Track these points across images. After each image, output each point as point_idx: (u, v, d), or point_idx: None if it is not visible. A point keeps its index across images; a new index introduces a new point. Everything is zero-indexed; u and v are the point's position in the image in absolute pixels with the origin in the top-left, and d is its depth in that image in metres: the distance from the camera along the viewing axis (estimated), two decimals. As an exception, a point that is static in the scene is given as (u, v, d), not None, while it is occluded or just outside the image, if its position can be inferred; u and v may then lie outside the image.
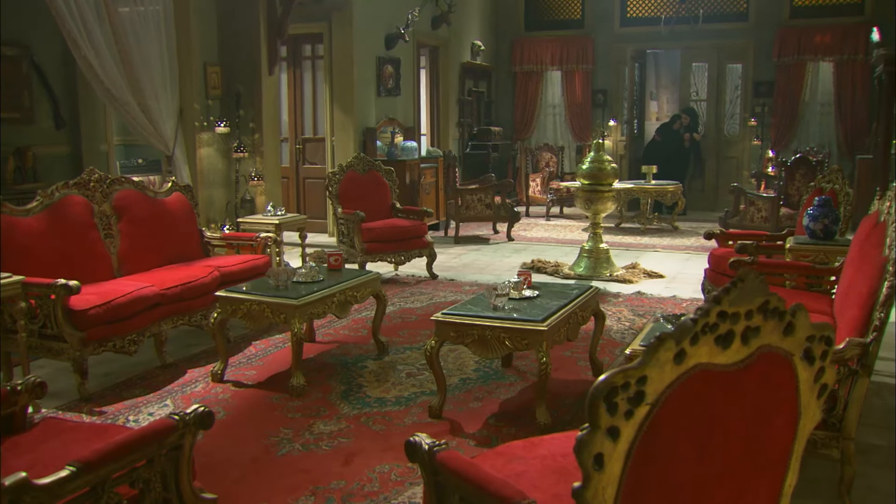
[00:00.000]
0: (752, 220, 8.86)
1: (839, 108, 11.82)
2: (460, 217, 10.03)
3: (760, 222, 8.73)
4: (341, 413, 4.17)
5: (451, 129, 12.53)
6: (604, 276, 7.66)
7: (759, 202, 8.89)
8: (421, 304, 6.64)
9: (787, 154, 12.14)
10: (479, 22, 13.33)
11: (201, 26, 7.61)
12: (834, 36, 11.68)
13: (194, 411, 2.36)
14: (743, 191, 9.28)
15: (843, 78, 11.75)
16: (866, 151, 10.95)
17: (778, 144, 12.20)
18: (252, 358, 5.18)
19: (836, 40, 11.67)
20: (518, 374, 4.80)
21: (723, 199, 12.96)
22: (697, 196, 12.78)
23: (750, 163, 12.70)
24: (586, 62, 13.45)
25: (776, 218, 8.60)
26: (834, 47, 11.70)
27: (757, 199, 8.96)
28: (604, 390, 1.51)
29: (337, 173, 7.75)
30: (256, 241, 5.97)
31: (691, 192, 12.56)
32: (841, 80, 11.77)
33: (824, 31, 11.76)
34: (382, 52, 10.30)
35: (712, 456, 1.69)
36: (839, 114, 11.82)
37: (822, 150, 11.14)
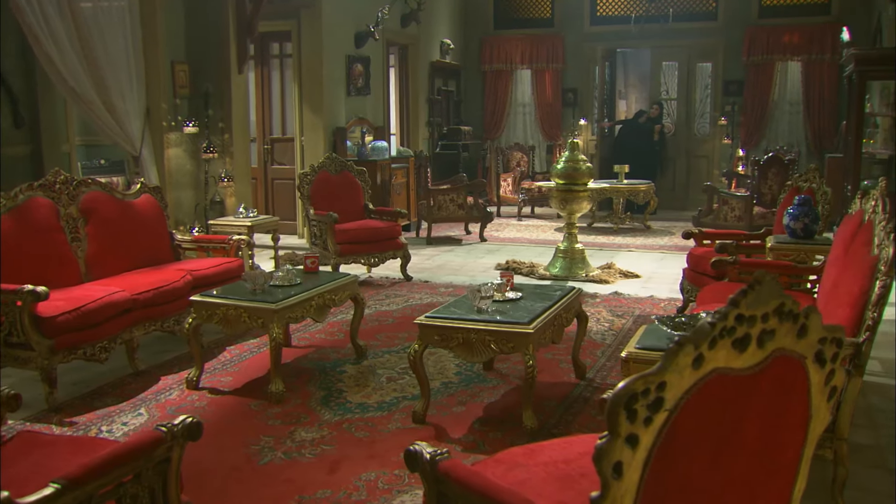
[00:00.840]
0: (726, 219, 8.95)
1: (807, 107, 12.01)
2: (432, 218, 9.99)
3: (734, 221, 8.82)
4: (322, 419, 4.11)
5: (421, 128, 12.49)
6: (580, 277, 7.67)
7: (733, 201, 8.99)
8: (396, 306, 6.58)
9: (757, 153, 12.31)
10: (448, 20, 13.30)
11: (168, 23, 7.48)
12: (802, 35, 11.86)
13: (182, 422, 2.29)
14: (716, 190, 9.37)
15: (811, 77, 11.93)
16: (835, 150, 11.13)
17: (748, 143, 12.35)
18: (227, 364, 5.09)
19: (804, 40, 11.85)
20: (500, 377, 4.78)
21: (693, 199, 13.09)
22: (668, 195, 12.87)
23: (720, 162, 12.84)
24: (556, 61, 13.50)
25: (750, 217, 8.69)
26: (802, 47, 11.88)
27: (730, 197, 9.05)
28: (624, 397, 1.48)
29: (309, 174, 7.67)
30: (229, 244, 5.87)
31: (661, 192, 12.64)
32: (809, 79, 11.95)
33: (792, 31, 11.93)
34: (352, 51, 10.22)
35: (727, 462, 1.68)
36: (807, 113, 12.01)
37: (793, 149, 11.30)
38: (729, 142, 12.64)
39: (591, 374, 4.78)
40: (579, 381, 4.68)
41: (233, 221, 7.01)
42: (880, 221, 3.29)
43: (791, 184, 5.92)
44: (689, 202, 13.07)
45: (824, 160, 10.65)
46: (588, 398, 4.40)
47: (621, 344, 5.43)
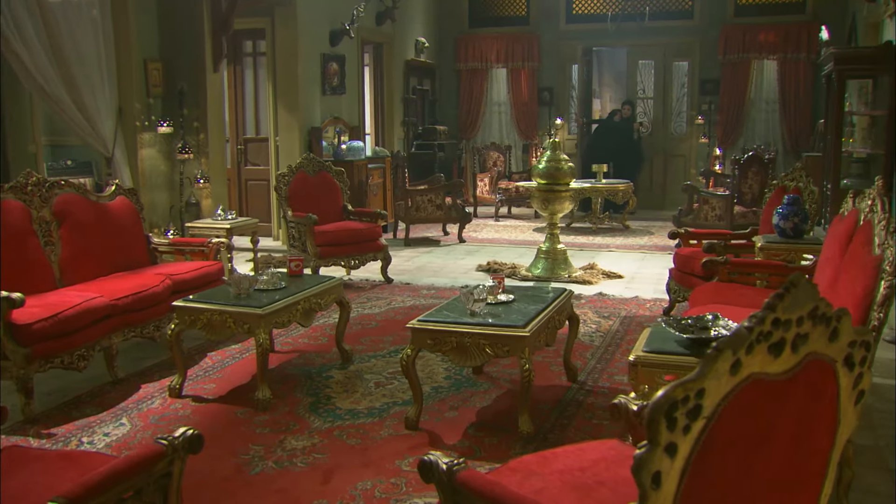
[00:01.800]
0: (707, 218, 9.01)
1: (783, 106, 12.15)
2: (410, 219, 9.93)
3: (714, 220, 8.88)
4: (312, 427, 4.04)
5: (396, 128, 12.43)
6: (562, 278, 7.67)
7: (713, 200, 9.05)
8: (379, 309, 6.53)
9: (734, 152, 12.43)
10: (422, 18, 13.26)
11: (141, 20, 7.34)
12: (777, 34, 12.00)
13: (183, 434, 2.22)
14: (696, 189, 9.43)
15: (786, 76, 12.07)
16: (811, 149, 11.26)
17: (725, 142, 12.46)
18: (209, 370, 5.00)
19: (779, 39, 11.98)
20: (490, 380, 4.74)
21: (671, 198, 13.18)
22: (645, 195, 12.93)
23: (697, 161, 12.94)
24: (532, 60, 13.51)
25: (731, 216, 8.76)
26: (777, 46, 12.01)
27: (711, 197, 9.11)
28: (664, 405, 1.45)
29: (286, 175, 7.58)
30: (208, 247, 5.78)
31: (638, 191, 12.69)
32: (785, 78, 12.09)
33: (768, 30, 12.06)
34: (327, 49, 10.13)
35: (759, 469, 1.66)
36: (783, 112, 12.15)
37: (770, 148, 11.42)
38: (706, 141, 12.74)
39: (583, 377, 4.77)
40: (571, 383, 4.66)
41: (211, 224, 6.90)
42: (880, 221, 3.31)
43: (777, 183, 5.96)
44: (667, 202, 13.16)
45: (801, 159, 10.75)
46: (582, 401, 4.38)
47: (610, 346, 5.43)
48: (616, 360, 5.12)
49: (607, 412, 4.08)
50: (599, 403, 4.34)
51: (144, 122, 7.31)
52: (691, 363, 2.74)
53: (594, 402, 4.36)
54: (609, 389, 4.57)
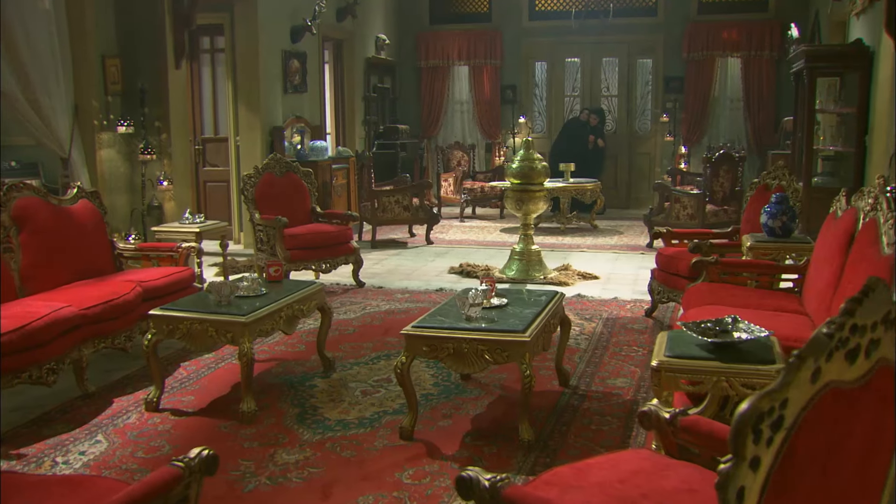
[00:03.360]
0: (678, 217, 9.08)
1: (747, 103, 12.34)
2: (377, 220, 9.83)
3: (686, 219, 8.97)
4: (303, 439, 3.94)
5: (357, 127, 12.31)
6: (537, 279, 7.66)
7: (685, 199, 9.13)
8: (354, 314, 6.43)
9: (699, 150, 12.59)
10: (383, 15, 13.16)
11: (97, 13, 7.10)
12: (740, 32, 12.18)
13: (198, 455, 2.12)
14: (668, 188, 9.51)
15: (750, 74, 12.27)
16: (776, 147, 11.46)
17: (689, 140, 12.61)
18: (185, 382, 4.85)
19: (743, 36, 12.17)
20: (481, 387, 4.69)
21: (636, 197, 13.30)
22: (610, 194, 12.96)
23: (662, 159, 13.07)
24: (494, 57, 13.51)
25: (703, 215, 8.85)
26: (741, 43, 12.20)
27: (682, 196, 9.19)
28: (751, 417, 1.42)
29: (253, 176, 7.43)
30: (178, 252, 5.62)
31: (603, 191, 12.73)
32: (749, 75, 12.28)
33: (731, 28, 12.25)
34: (288, 46, 9.98)
35: (831, 480, 1.63)
36: (748, 109, 12.34)
37: (736, 146, 11.58)
38: (671, 139, 12.88)
39: (575, 382, 4.74)
40: (564, 388, 4.63)
41: (179, 228, 6.72)
42: (888, 220, 3.34)
43: (758, 181, 6.01)
44: (632, 201, 13.27)
45: (768, 157, 10.94)
46: (577, 406, 4.35)
47: (597, 349, 5.41)
48: (605, 363, 5.11)
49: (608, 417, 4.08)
50: (595, 408, 4.32)
51: (103, 122, 7.08)
52: (716, 368, 2.72)
53: (590, 407, 4.34)
54: (603, 393, 4.55)
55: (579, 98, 13.51)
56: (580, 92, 13.53)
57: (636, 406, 4.34)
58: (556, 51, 13.47)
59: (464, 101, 14.06)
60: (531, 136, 13.48)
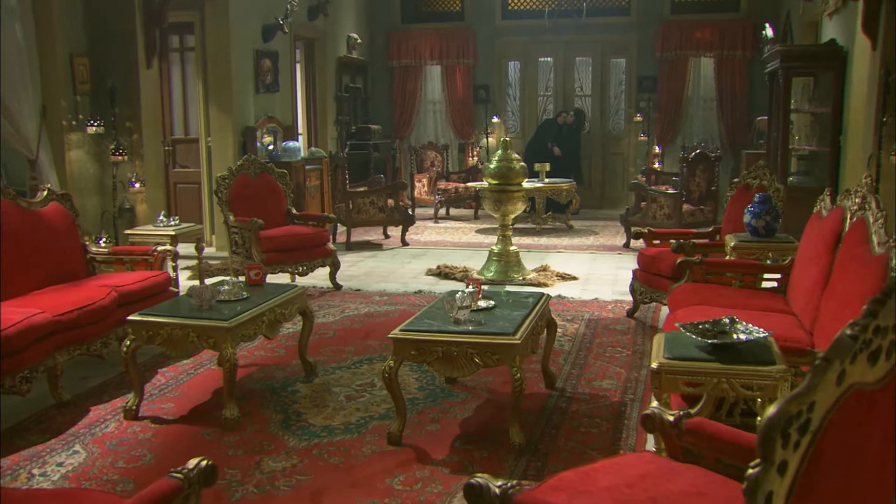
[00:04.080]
0: (655, 217, 9.14)
1: (720, 103, 12.46)
2: (352, 222, 9.77)
3: (663, 219, 9.02)
4: (289, 446, 3.88)
5: (330, 127, 12.23)
6: (516, 280, 7.65)
7: (662, 199, 9.19)
8: (333, 318, 6.37)
9: (673, 149, 12.69)
10: (354, 13, 13.09)
11: (65, 10, 6.96)
12: (713, 32, 12.30)
13: (197, 466, 2.07)
14: (645, 188, 9.56)
15: (723, 73, 12.39)
16: (750, 146, 11.59)
17: (663, 140, 12.71)
18: (164, 388, 4.77)
19: (715, 36, 12.29)
20: (467, 390, 4.66)
21: (610, 197, 13.37)
22: (583, 194, 12.96)
23: (636, 159, 13.15)
24: (467, 56, 13.50)
25: (679, 214, 8.91)
26: (714, 43, 12.32)
27: (659, 195, 9.25)
28: (780, 421, 1.41)
29: (227, 177, 7.33)
30: (153, 256, 5.52)
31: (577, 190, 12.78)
32: (722, 75, 12.40)
33: (704, 27, 12.36)
34: (260, 45, 9.88)
35: (852, 482, 1.63)
36: (721, 109, 12.46)
37: (712, 146, 11.69)
38: (644, 138, 12.96)
39: (561, 384, 4.74)
40: (550, 391, 4.63)
41: (153, 230, 6.61)
42: (877, 219, 3.37)
43: (739, 181, 6.06)
44: (606, 201, 13.34)
45: (742, 157, 11.05)
46: (566, 409, 4.35)
47: (581, 350, 5.42)
48: (590, 364, 5.11)
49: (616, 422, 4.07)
50: (584, 410, 4.32)
51: (72, 122, 6.95)
52: (717, 369, 2.73)
53: (578, 410, 4.33)
54: (590, 395, 4.55)
55: (553, 98, 13.55)
56: (553, 91, 13.57)
57: (624, 408, 4.34)
58: (530, 50, 13.50)
59: (436, 101, 14.05)
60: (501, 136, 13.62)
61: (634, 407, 4.35)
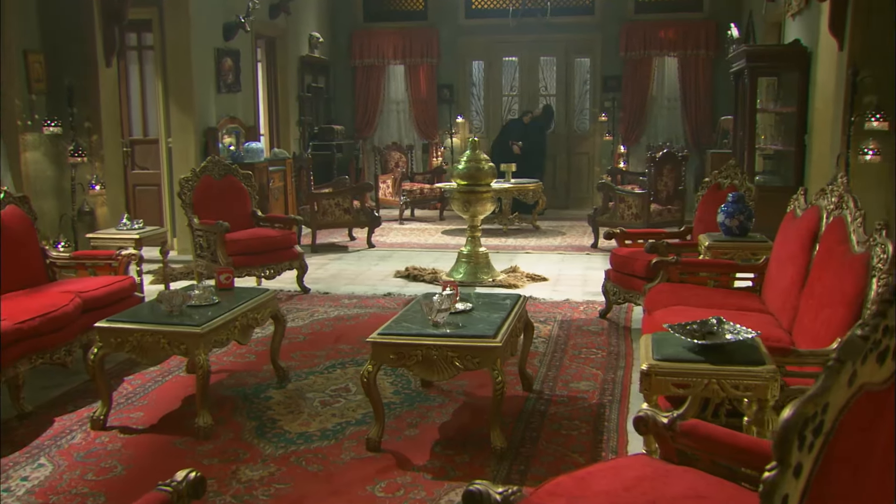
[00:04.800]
0: (623, 216, 9.21)
1: (685, 103, 12.60)
2: (317, 224, 9.69)
3: (631, 219, 9.09)
4: (265, 454, 3.83)
5: (292, 128, 12.13)
6: (486, 282, 7.65)
7: (630, 199, 9.26)
8: (303, 321, 6.31)
9: (638, 149, 12.81)
10: (316, 12, 13.00)
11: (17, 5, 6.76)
12: (677, 31, 12.44)
13: (185, 478, 2.02)
14: (612, 188, 9.62)
15: (687, 73, 12.54)
16: (714, 146, 11.74)
17: (628, 139, 12.82)
18: (132, 397, 4.67)
19: (679, 36, 12.44)
20: (443, 394, 4.64)
21: (576, 197, 13.45)
22: (549, 194, 13.02)
23: (601, 158, 13.24)
24: (431, 56, 13.49)
25: (647, 214, 8.99)
26: (677, 43, 12.46)
27: (627, 195, 9.32)
28: (797, 423, 1.41)
29: (190, 179, 7.23)
30: (117, 260, 5.41)
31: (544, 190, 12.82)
32: (686, 75, 12.55)
33: (667, 27, 12.50)
34: (221, 44, 9.76)
35: (861, 483, 1.64)
36: (685, 109, 12.60)
37: (676, 145, 11.81)
38: (610, 138, 13.06)
39: (538, 386, 4.74)
40: (528, 393, 4.62)
41: (116, 234, 6.47)
42: (856, 219, 3.42)
43: (710, 180, 6.12)
44: (571, 201, 13.41)
45: (707, 156, 11.19)
46: (545, 412, 4.35)
47: (556, 352, 5.43)
48: (566, 366, 5.13)
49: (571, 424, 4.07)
50: (563, 413, 4.32)
51: (27, 122, 6.77)
52: (707, 370, 2.74)
53: (557, 412, 4.34)
54: (568, 398, 4.56)
55: (517, 97, 13.59)
56: (518, 91, 13.61)
57: (603, 410, 4.36)
58: (494, 49, 13.54)
59: (400, 101, 14.01)
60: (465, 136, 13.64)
61: (613, 409, 4.37)
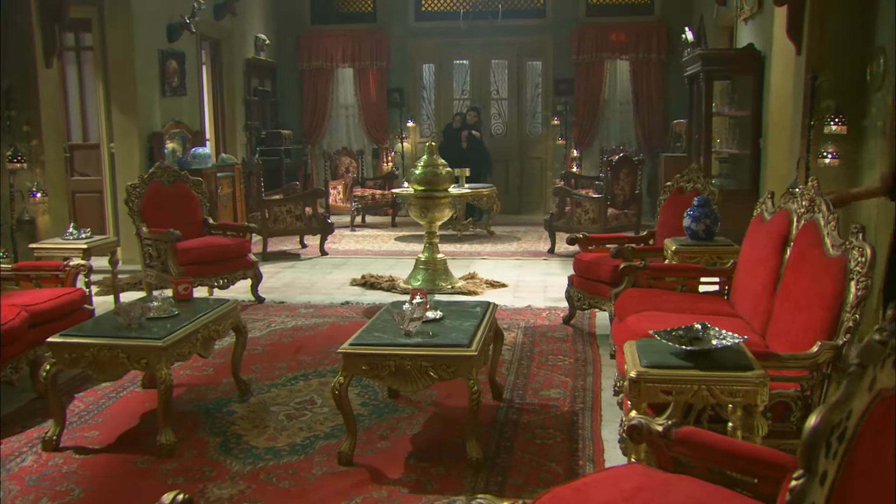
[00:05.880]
0: (580, 221, 9.28)
1: (637, 106, 12.78)
2: (269, 231, 9.56)
3: (588, 224, 9.17)
4: (232, 471, 3.74)
5: (239, 133, 11.97)
6: (445, 289, 7.63)
7: (586, 203, 9.34)
8: (260, 332, 6.21)
9: (590, 153, 12.94)
10: (262, 13, 12.86)
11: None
12: (628, 35, 12.62)
13: (173, 501, 1.95)
14: (569, 192, 9.69)
15: (639, 76, 12.72)
16: (667, 149, 11.92)
17: (581, 143, 12.95)
18: (85, 415, 4.53)
19: (630, 39, 12.61)
20: (411, 404, 4.61)
21: (528, 201, 13.52)
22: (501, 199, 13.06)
23: (554, 162, 13.34)
24: (380, 59, 13.44)
25: (604, 219, 9.08)
26: (629, 46, 12.64)
27: (584, 200, 9.39)
28: (825, 431, 1.42)
29: (138, 186, 7.07)
30: (65, 271, 5.25)
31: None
32: (637, 78, 12.74)
33: (619, 30, 12.66)
34: (165, 45, 9.58)
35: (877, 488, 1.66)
36: (637, 112, 12.78)
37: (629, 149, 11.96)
38: (562, 142, 13.17)
39: (508, 395, 4.73)
40: (498, 402, 4.62)
41: (62, 244, 6.28)
42: (829, 222, 3.49)
43: (672, 184, 6.21)
44: (524, 205, 13.49)
45: (660, 160, 11.35)
46: (517, 421, 4.34)
47: (522, 360, 5.43)
48: (534, 374, 5.13)
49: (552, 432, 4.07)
50: (536, 421, 4.32)
51: (-39, 127, 6.56)
52: (697, 377, 2.76)
53: (530, 421, 4.34)
54: (539, 406, 4.57)
55: (469, 101, 13.61)
56: (469, 95, 13.64)
57: (576, 417, 4.37)
58: (444, 52, 13.56)
59: (349, 105, 13.94)
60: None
61: (586, 416, 4.39)
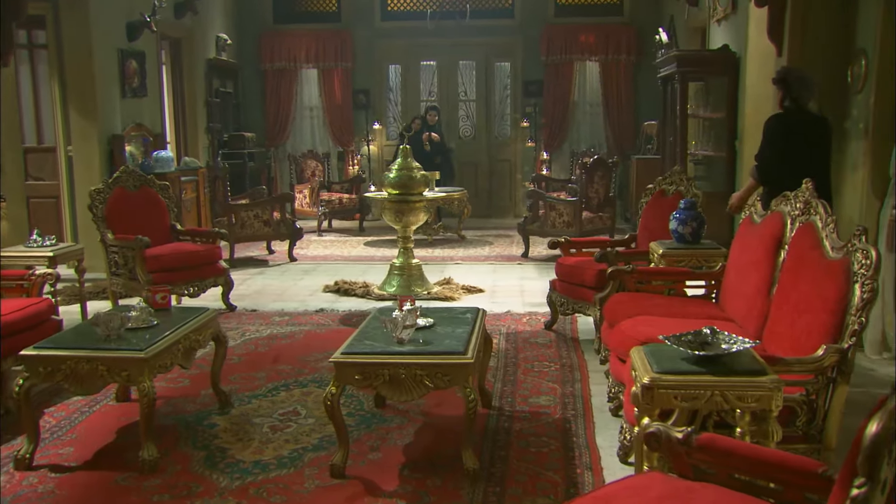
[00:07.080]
0: (554, 225, 9.31)
1: (607, 108, 12.88)
2: (236, 237, 9.45)
3: (562, 227, 9.20)
4: (220, 486, 3.68)
5: (200, 135, 11.82)
6: (420, 295, 7.57)
7: (560, 206, 9.37)
8: (235, 341, 6.11)
9: (560, 155, 13.01)
10: (223, 12, 12.73)
11: None
12: (598, 36, 12.71)
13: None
14: (543, 195, 9.72)
15: (608, 78, 12.82)
16: (637, 151, 12.03)
17: (550, 146, 13.01)
18: (58, 431, 4.42)
19: (600, 40, 12.71)
20: (399, 413, 4.57)
21: (498, 205, 13.55)
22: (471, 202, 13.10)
23: (523, 165, 13.38)
24: (345, 59, 13.38)
25: (580, 222, 9.12)
26: (599, 47, 12.73)
27: (558, 203, 9.43)
28: (886, 437, 1.42)
29: (102, 191, 6.94)
30: (30, 280, 5.12)
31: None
32: (607, 80, 12.84)
33: (588, 31, 12.75)
34: (125, 44, 9.43)
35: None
36: (607, 114, 12.88)
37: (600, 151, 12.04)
38: (532, 144, 13.21)
39: (497, 402, 4.72)
40: (488, 410, 4.60)
41: (26, 252, 6.13)
42: (828, 224, 3.53)
43: (654, 187, 6.25)
44: (494, 209, 13.50)
45: (632, 161, 11.45)
46: (509, 429, 4.33)
47: (508, 366, 5.43)
48: (521, 381, 5.13)
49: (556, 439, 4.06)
50: (528, 429, 4.32)
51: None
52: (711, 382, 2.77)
53: (522, 429, 4.33)
54: (530, 413, 4.56)
55: (436, 103, 13.58)
56: (437, 96, 13.63)
57: (569, 425, 4.38)
58: (411, 53, 13.54)
59: (314, 107, 13.85)
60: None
61: (579, 423, 4.39)
